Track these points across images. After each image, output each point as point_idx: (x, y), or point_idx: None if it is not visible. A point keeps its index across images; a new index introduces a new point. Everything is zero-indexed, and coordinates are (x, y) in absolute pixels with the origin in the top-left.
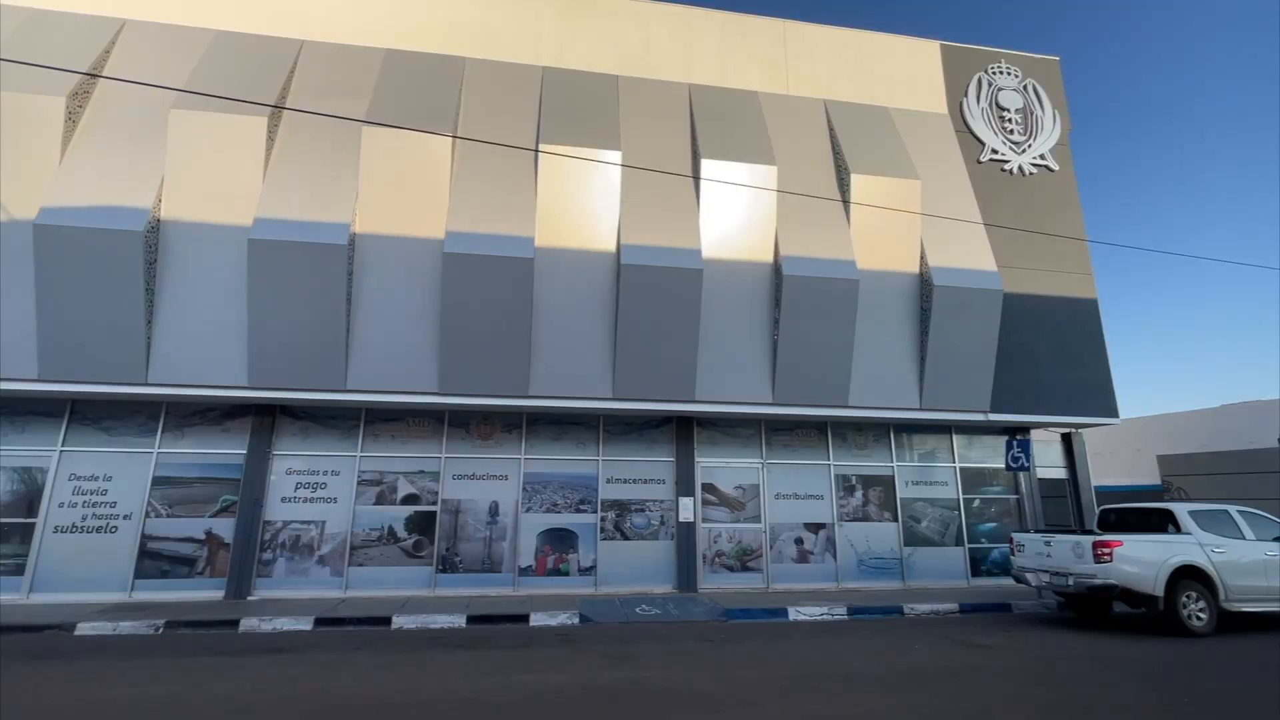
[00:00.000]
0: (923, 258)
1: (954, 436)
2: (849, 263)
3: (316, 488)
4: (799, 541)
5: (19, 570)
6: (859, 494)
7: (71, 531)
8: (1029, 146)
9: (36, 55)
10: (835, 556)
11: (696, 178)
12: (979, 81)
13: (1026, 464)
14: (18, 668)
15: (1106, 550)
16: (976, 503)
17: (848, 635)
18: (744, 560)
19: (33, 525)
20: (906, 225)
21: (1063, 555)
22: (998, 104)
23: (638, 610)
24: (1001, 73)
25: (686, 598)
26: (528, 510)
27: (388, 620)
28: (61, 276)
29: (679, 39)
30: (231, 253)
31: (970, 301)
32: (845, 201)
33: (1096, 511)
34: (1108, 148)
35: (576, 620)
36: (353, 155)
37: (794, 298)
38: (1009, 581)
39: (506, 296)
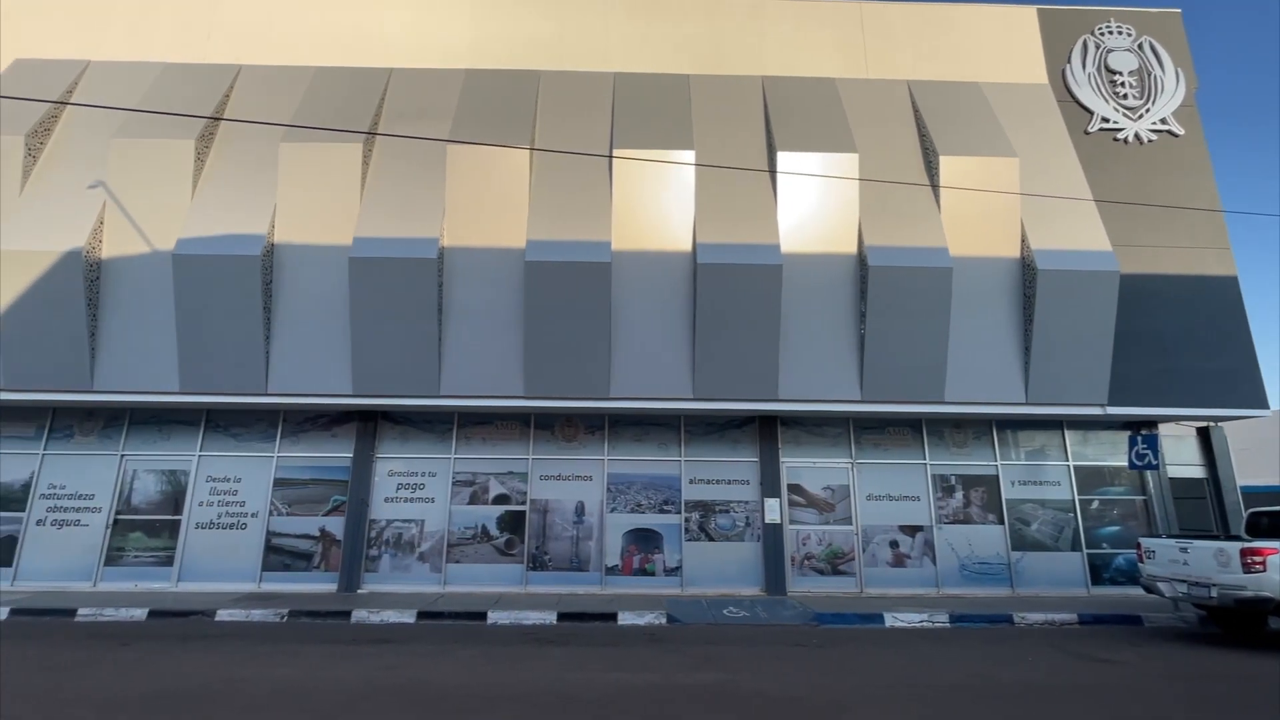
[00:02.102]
0: (1024, 240)
1: (1066, 432)
2: (940, 250)
3: (416, 488)
4: (894, 544)
5: (169, 561)
6: (959, 495)
7: (209, 528)
8: (1146, 111)
9: (169, 104)
10: (934, 560)
11: (773, 171)
12: (1084, 45)
13: (1154, 462)
14: (170, 648)
15: (1258, 559)
16: (1095, 504)
17: (951, 643)
18: (835, 563)
19: (178, 522)
20: (1004, 207)
21: (1203, 563)
22: (1107, 67)
23: (725, 612)
24: (1111, 33)
25: (775, 600)
26: (612, 510)
27: (483, 615)
28: (196, 299)
29: (749, 32)
30: (334, 271)
31: (1080, 285)
32: (934, 186)
33: (1244, 514)
34: (1259, 107)
35: (664, 620)
36: (439, 173)
37: (881, 289)
38: (1137, 591)
39: (586, 301)
